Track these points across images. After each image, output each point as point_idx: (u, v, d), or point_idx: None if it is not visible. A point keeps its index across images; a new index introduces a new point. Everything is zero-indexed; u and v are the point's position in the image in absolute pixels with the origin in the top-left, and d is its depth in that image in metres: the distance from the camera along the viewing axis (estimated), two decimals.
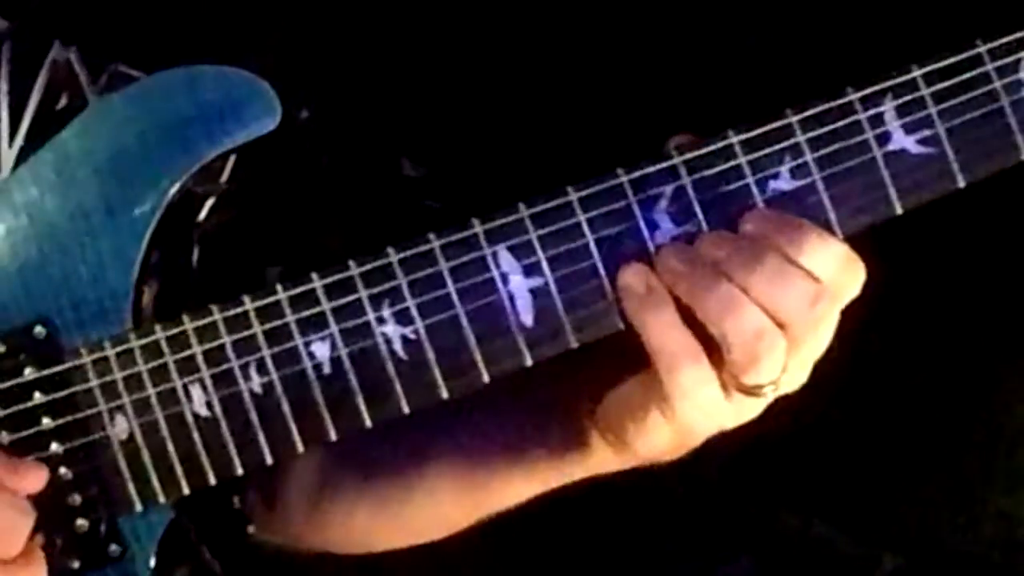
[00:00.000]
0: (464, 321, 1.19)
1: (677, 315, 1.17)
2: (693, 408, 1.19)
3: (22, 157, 1.30)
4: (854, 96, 1.18)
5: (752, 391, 1.19)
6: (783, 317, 1.16)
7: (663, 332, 1.17)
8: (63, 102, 1.33)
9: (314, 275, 1.20)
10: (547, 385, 1.23)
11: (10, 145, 1.31)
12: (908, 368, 2.48)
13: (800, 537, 2.48)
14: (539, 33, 2.12)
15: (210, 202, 1.34)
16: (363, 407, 1.20)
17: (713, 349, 1.17)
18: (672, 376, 1.18)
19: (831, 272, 1.17)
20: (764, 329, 1.16)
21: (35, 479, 1.20)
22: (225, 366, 1.20)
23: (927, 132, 1.18)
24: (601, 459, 1.29)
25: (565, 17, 2.13)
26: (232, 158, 1.31)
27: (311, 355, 1.20)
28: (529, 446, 1.32)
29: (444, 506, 1.39)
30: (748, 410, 1.22)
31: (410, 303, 1.19)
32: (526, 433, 1.31)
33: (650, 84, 2.13)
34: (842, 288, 1.18)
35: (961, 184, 1.18)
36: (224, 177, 1.33)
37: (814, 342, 1.18)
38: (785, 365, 1.18)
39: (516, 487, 1.34)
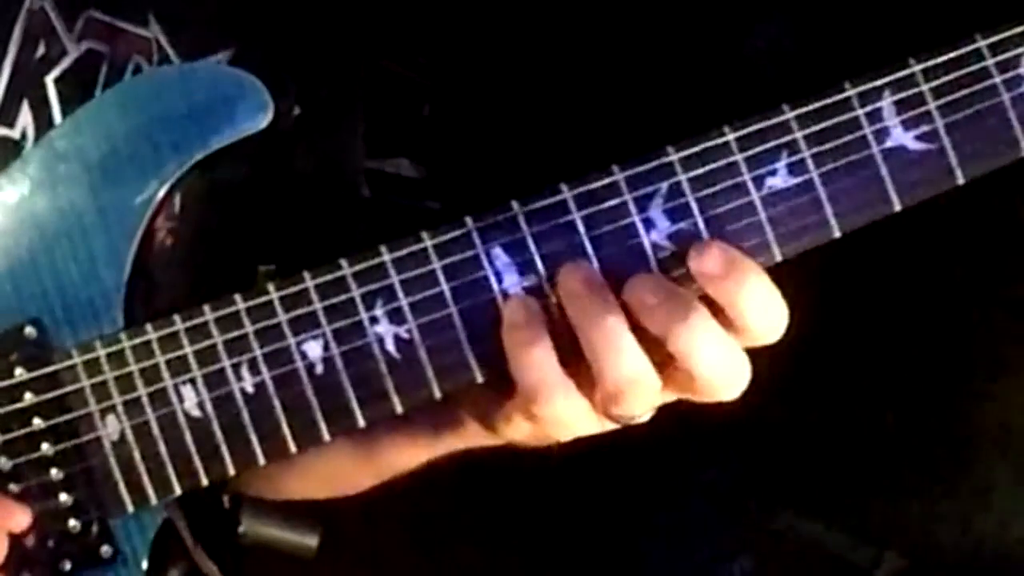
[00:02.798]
0: (457, 320, 1.18)
1: (549, 350, 1.16)
2: (554, 424, 1.19)
3: (4, 109, 1.31)
4: (852, 92, 1.17)
5: (617, 420, 1.19)
6: (679, 362, 1.15)
7: (529, 366, 1.17)
8: (41, 50, 1.32)
9: (306, 274, 1.20)
10: None
11: None
12: (909, 368, 2.47)
13: (800, 537, 2.47)
14: (540, 31, 2.12)
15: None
16: (356, 407, 1.19)
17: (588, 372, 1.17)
18: (535, 404, 1.17)
19: (755, 324, 1.15)
20: (640, 374, 1.15)
21: (19, 519, 1.21)
22: (217, 366, 1.20)
23: (926, 128, 1.17)
24: (475, 437, 1.31)
25: (566, 16, 2.13)
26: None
27: (303, 355, 1.19)
28: (413, 418, 1.32)
29: (342, 464, 1.42)
30: (614, 424, 1.22)
31: (403, 302, 1.19)
32: None
33: (649, 84, 2.13)
34: (758, 337, 1.17)
35: (960, 181, 1.17)
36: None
37: (708, 392, 1.17)
38: (659, 401, 1.18)
39: (403, 453, 1.38)
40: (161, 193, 1.23)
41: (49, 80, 1.33)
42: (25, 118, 1.33)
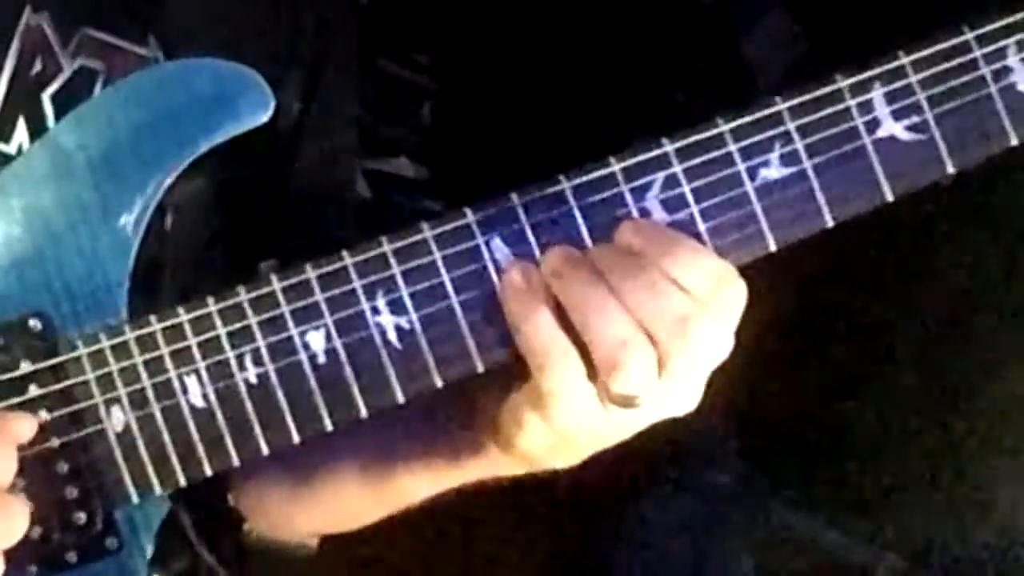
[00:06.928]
0: (458, 310, 1.19)
1: (551, 315, 1.17)
2: (565, 411, 1.19)
3: (0, 124, 1.32)
4: (843, 83, 1.19)
5: (623, 402, 1.17)
6: (653, 330, 1.15)
7: (535, 329, 1.17)
8: (37, 67, 1.34)
9: (308, 266, 1.21)
10: (450, 389, 1.22)
11: None
12: (909, 368, 2.48)
13: (800, 537, 2.48)
14: (538, 31, 2.13)
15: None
16: (358, 397, 1.20)
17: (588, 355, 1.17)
18: (542, 374, 1.17)
19: (704, 288, 1.16)
20: (629, 337, 1.15)
21: (24, 426, 1.21)
22: (220, 357, 1.21)
23: (916, 119, 1.18)
24: (494, 461, 1.29)
25: (564, 15, 2.14)
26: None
27: (306, 345, 1.20)
28: (430, 446, 1.33)
29: (350, 498, 1.40)
30: (628, 425, 1.21)
31: (404, 293, 1.20)
32: (427, 433, 1.32)
33: (647, 80, 2.14)
34: (719, 306, 1.16)
35: (950, 170, 1.19)
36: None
37: (688, 359, 1.17)
38: (656, 378, 1.17)
39: (418, 484, 1.35)
40: (163, 187, 1.24)
41: (45, 96, 1.34)
42: (21, 134, 1.34)
